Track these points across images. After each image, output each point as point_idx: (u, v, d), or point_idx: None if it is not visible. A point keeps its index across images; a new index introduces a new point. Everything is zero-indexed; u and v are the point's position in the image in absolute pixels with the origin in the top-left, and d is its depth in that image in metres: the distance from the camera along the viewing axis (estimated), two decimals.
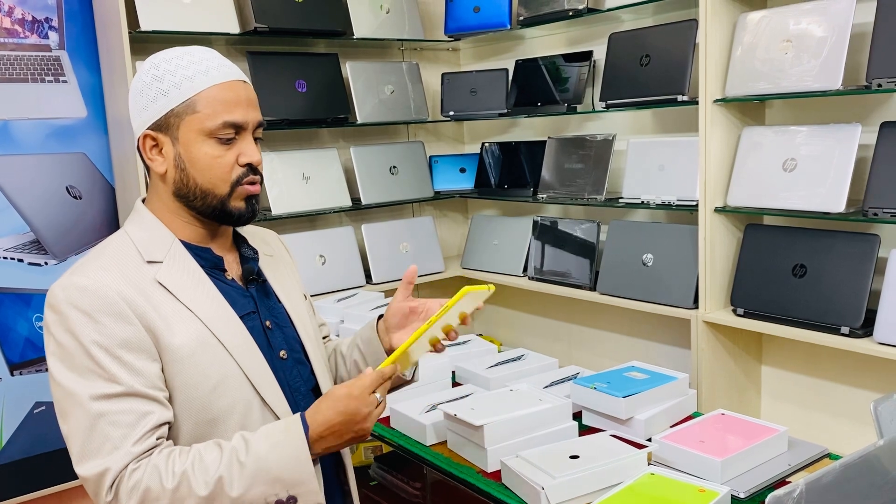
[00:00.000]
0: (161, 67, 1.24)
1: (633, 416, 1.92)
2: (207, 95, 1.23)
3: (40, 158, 2.66)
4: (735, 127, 2.32)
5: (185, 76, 1.23)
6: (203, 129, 1.23)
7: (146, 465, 1.13)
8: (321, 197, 2.97)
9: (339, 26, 2.94)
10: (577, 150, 2.80)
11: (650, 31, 2.53)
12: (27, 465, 2.65)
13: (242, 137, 1.26)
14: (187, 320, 1.21)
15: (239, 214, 1.28)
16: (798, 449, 1.81)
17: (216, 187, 1.25)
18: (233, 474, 1.13)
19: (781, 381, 2.45)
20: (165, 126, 1.24)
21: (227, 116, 1.23)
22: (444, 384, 2.30)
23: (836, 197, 2.05)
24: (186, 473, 1.13)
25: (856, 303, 2.02)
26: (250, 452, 1.15)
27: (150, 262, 1.23)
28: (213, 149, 1.24)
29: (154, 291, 1.20)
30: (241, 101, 1.25)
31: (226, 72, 1.26)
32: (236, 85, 1.26)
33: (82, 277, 1.17)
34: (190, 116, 1.23)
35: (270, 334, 1.33)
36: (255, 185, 1.28)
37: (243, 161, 1.25)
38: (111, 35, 2.56)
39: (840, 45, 2.03)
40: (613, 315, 2.91)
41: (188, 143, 1.23)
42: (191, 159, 1.24)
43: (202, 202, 1.26)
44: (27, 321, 2.65)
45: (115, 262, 1.21)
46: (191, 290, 1.24)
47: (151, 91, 1.24)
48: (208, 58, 1.26)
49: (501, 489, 1.72)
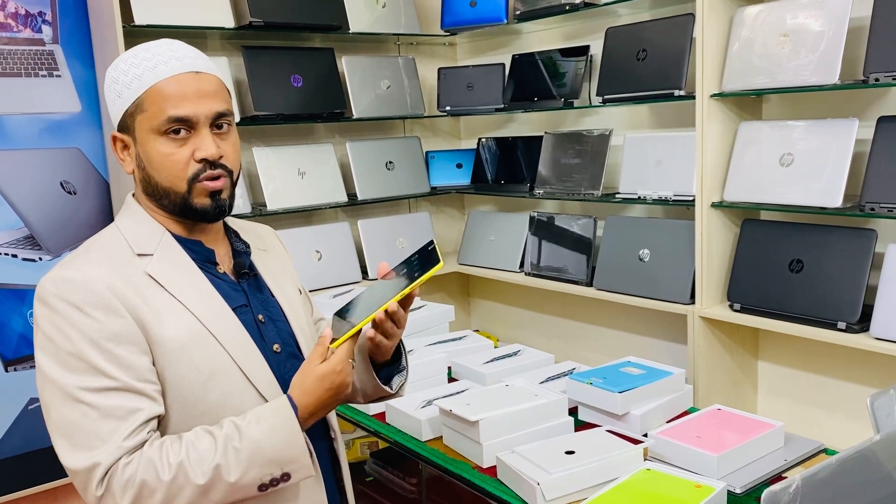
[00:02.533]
0: (118, 68, 1.23)
1: (629, 412, 1.92)
2: (154, 92, 1.20)
3: (34, 153, 2.64)
4: (732, 122, 2.31)
5: (136, 75, 1.21)
6: (152, 127, 1.20)
7: (139, 458, 1.12)
8: (317, 192, 2.95)
9: (334, 20, 2.93)
10: (573, 146, 2.79)
11: (647, 25, 2.52)
12: (22, 461, 2.64)
13: (197, 132, 1.21)
14: (178, 313, 1.20)
15: (203, 211, 1.24)
16: (794, 444, 1.81)
17: (174, 185, 1.22)
18: (229, 461, 1.14)
19: (778, 377, 2.45)
20: (125, 127, 1.24)
21: (172, 111, 1.19)
22: (440, 380, 2.30)
23: (833, 192, 2.04)
24: (183, 464, 1.12)
25: (852, 298, 2.02)
26: (244, 438, 1.15)
27: (140, 255, 1.22)
28: (165, 146, 1.20)
29: (145, 284, 1.20)
30: (188, 95, 1.20)
31: (174, 65, 1.21)
32: (185, 78, 1.21)
33: (72, 271, 1.16)
34: (140, 116, 1.21)
35: (263, 328, 1.31)
36: (217, 180, 1.24)
37: (199, 156, 1.21)
38: (105, 29, 2.54)
39: (837, 40, 2.02)
40: (610, 310, 2.90)
41: (143, 143, 1.22)
42: (148, 159, 1.22)
43: (167, 200, 1.24)
44: (21, 317, 2.63)
45: (105, 255, 1.21)
46: (182, 282, 1.23)
47: (111, 93, 1.24)
48: (160, 52, 1.22)
49: (497, 485, 1.72)
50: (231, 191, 1.27)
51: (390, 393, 1.45)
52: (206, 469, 1.13)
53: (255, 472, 1.15)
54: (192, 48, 1.27)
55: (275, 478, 1.17)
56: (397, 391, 1.46)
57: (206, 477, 1.12)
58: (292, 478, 1.19)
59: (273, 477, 1.17)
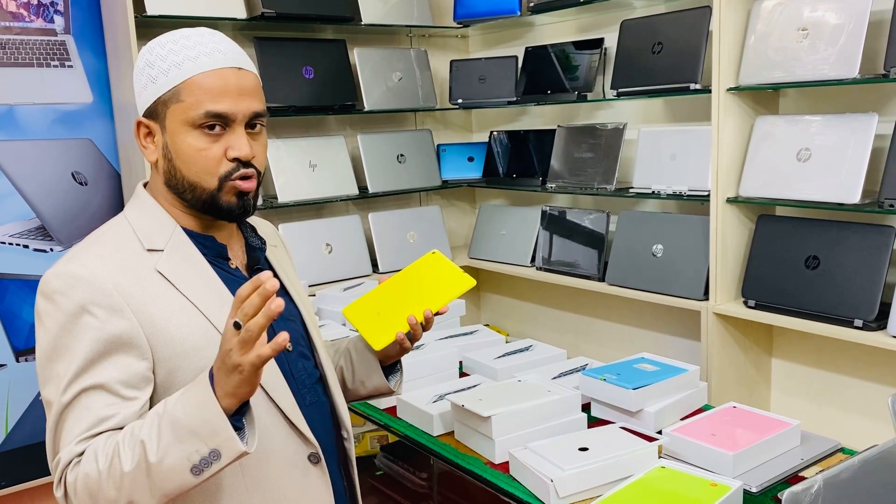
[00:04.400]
0: (154, 52, 1.19)
1: (643, 409, 1.90)
2: (193, 83, 1.16)
3: (46, 144, 2.64)
4: (748, 116, 2.29)
5: (174, 62, 1.16)
6: (186, 120, 1.16)
7: (88, 451, 1.07)
8: (328, 185, 2.94)
9: (346, 12, 2.91)
10: (586, 139, 2.76)
11: (663, 18, 2.50)
12: (32, 451, 2.65)
13: (232, 129, 1.18)
14: (188, 313, 1.16)
15: (229, 210, 1.21)
16: (811, 443, 1.79)
17: (203, 181, 1.18)
18: (152, 436, 1.03)
19: (792, 375, 2.43)
20: (155, 114, 1.19)
21: (212, 106, 1.15)
22: (452, 374, 2.29)
23: (850, 188, 2.02)
24: (117, 448, 1.05)
25: (870, 295, 1.99)
26: (166, 409, 1.05)
27: (150, 250, 1.18)
28: (198, 140, 1.17)
29: (153, 282, 1.15)
30: (229, 90, 1.17)
31: (217, 58, 1.18)
32: (227, 72, 1.17)
33: (77, 266, 1.12)
34: (175, 105, 1.16)
35: (275, 325, 1.25)
36: (248, 180, 1.20)
37: (231, 155, 1.18)
38: (117, 19, 2.53)
39: (857, 33, 1.99)
40: (622, 306, 2.88)
41: (174, 134, 1.17)
42: (176, 150, 1.18)
43: (191, 194, 1.20)
44: (32, 307, 2.63)
45: (112, 249, 1.16)
46: (193, 281, 1.19)
47: (144, 77, 1.19)
48: (203, 42, 1.18)
49: (509, 481, 1.70)
50: (256, 192, 1.24)
51: (389, 391, 1.48)
52: (134, 451, 1.04)
53: (179, 448, 1.03)
54: (233, 42, 1.24)
55: (204, 457, 1.03)
56: (396, 389, 1.50)
57: (133, 461, 1.03)
58: (223, 457, 1.04)
59: (202, 456, 1.03)
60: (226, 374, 1.02)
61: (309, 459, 1.25)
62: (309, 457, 1.25)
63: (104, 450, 1.06)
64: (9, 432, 2.61)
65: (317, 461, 1.25)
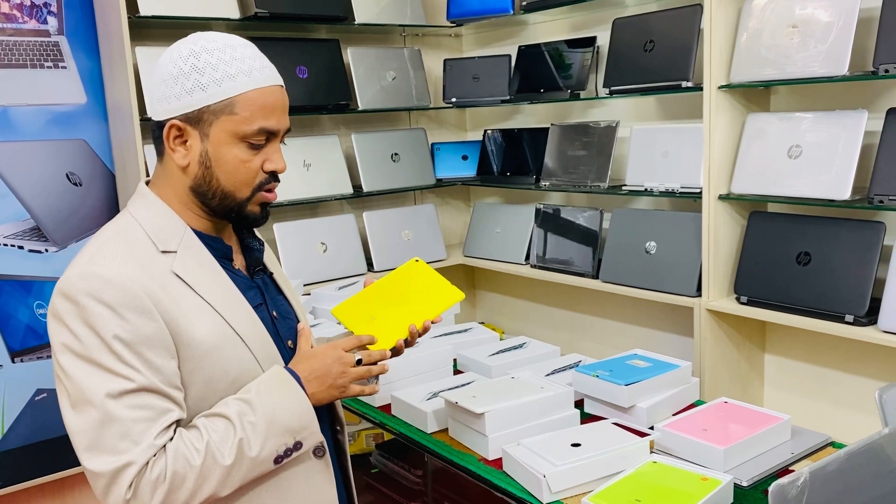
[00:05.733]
0: (202, 58, 1.18)
1: (635, 405, 1.91)
2: (248, 98, 1.19)
3: (40, 145, 2.64)
4: (740, 113, 2.30)
5: (228, 74, 1.18)
6: (237, 132, 1.19)
7: (165, 454, 1.11)
8: (322, 184, 2.95)
9: (340, 11, 2.92)
10: (580, 137, 2.78)
11: (654, 16, 2.51)
12: (28, 452, 2.65)
13: (271, 143, 1.24)
14: (207, 314, 1.19)
15: (253, 219, 1.28)
16: (801, 437, 1.80)
17: (238, 191, 1.23)
18: (248, 435, 1.16)
19: (785, 370, 2.44)
20: (197, 120, 1.19)
21: (264, 123, 1.21)
22: (446, 372, 2.29)
23: (841, 184, 2.03)
24: (209, 446, 1.14)
25: (860, 291, 2.01)
26: (257, 412, 1.18)
27: (164, 251, 1.20)
28: (244, 153, 1.21)
29: (172, 284, 1.18)
30: (278, 108, 1.23)
31: (268, 74, 1.22)
32: (276, 90, 1.23)
33: (103, 268, 1.13)
34: (227, 117, 1.19)
35: (278, 324, 1.33)
36: (273, 192, 1.28)
37: (269, 168, 1.24)
38: (110, 20, 2.54)
39: (847, 31, 2.00)
40: (616, 303, 2.89)
41: (219, 143, 1.20)
42: (218, 159, 1.21)
43: (220, 202, 1.24)
44: (28, 308, 2.64)
45: (130, 251, 1.17)
46: (207, 281, 1.22)
47: (189, 81, 1.18)
48: (251, 56, 1.21)
49: (503, 477, 1.71)
50: None
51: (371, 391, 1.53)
52: (230, 447, 1.15)
53: (272, 442, 1.18)
54: None
55: (288, 447, 1.20)
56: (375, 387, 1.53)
57: (233, 455, 1.14)
58: (303, 446, 1.22)
59: (287, 447, 1.20)
60: (326, 388, 1.26)
61: (314, 453, 1.29)
62: (315, 450, 1.28)
63: (191, 448, 1.13)
64: (4, 433, 2.61)
65: (322, 454, 1.29)
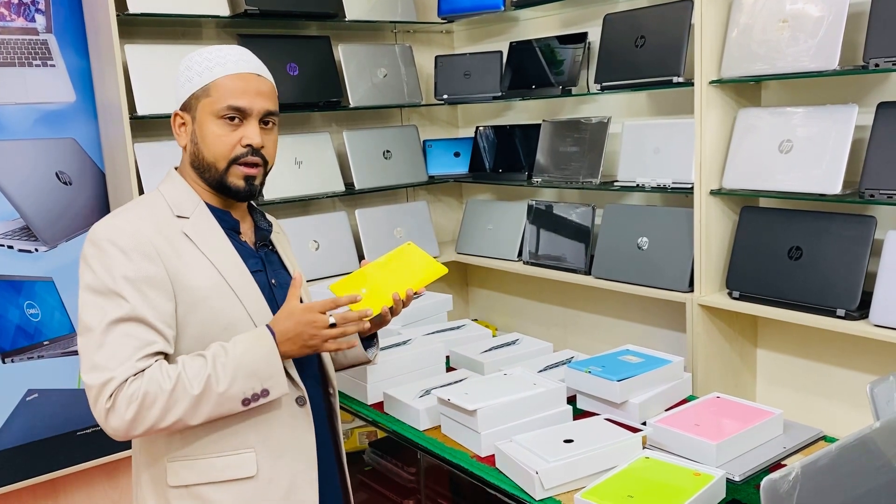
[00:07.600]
0: (192, 59, 1.47)
1: (627, 400, 1.91)
2: (220, 83, 1.44)
3: (29, 144, 2.63)
4: (731, 108, 2.30)
5: (207, 66, 1.45)
6: (212, 111, 1.43)
7: (142, 377, 1.32)
8: (314, 182, 2.94)
9: (330, 8, 2.90)
10: (571, 134, 2.77)
11: (645, 11, 2.50)
12: (20, 453, 2.64)
13: (248, 122, 1.45)
14: (205, 268, 1.42)
15: (236, 191, 1.47)
16: (793, 432, 1.81)
17: (217, 162, 1.45)
18: (218, 373, 1.34)
19: (777, 364, 2.44)
20: (188, 107, 1.47)
21: (232, 101, 1.43)
22: (438, 369, 2.29)
23: (832, 178, 2.03)
24: (181, 376, 1.33)
25: (852, 285, 2.01)
26: (229, 355, 1.36)
27: (179, 216, 1.45)
28: (219, 128, 1.44)
29: (180, 241, 1.42)
30: (248, 90, 1.44)
31: (242, 65, 1.46)
32: (248, 76, 1.46)
33: (122, 221, 1.39)
34: (205, 99, 1.44)
35: (276, 290, 1.53)
36: (253, 167, 1.47)
37: (244, 142, 1.44)
38: (99, 18, 2.52)
39: (837, 25, 2.00)
40: (608, 299, 2.89)
41: (201, 122, 1.45)
42: (202, 136, 1.45)
43: (208, 174, 1.47)
44: (18, 308, 2.62)
45: (150, 212, 1.43)
46: (210, 243, 1.45)
47: (182, 78, 1.47)
48: (233, 53, 1.47)
49: (495, 473, 1.71)
50: (262, 179, 1.50)
51: (368, 360, 1.72)
52: (200, 381, 1.33)
53: (240, 384, 1.35)
54: (256, 58, 1.52)
55: (256, 392, 1.37)
56: (373, 359, 1.74)
57: (201, 387, 1.33)
58: (271, 393, 1.39)
59: (255, 392, 1.37)
60: (298, 345, 1.40)
61: (296, 402, 1.48)
62: (297, 399, 1.48)
63: (164, 375, 1.32)
64: None
65: (303, 403, 1.49)
